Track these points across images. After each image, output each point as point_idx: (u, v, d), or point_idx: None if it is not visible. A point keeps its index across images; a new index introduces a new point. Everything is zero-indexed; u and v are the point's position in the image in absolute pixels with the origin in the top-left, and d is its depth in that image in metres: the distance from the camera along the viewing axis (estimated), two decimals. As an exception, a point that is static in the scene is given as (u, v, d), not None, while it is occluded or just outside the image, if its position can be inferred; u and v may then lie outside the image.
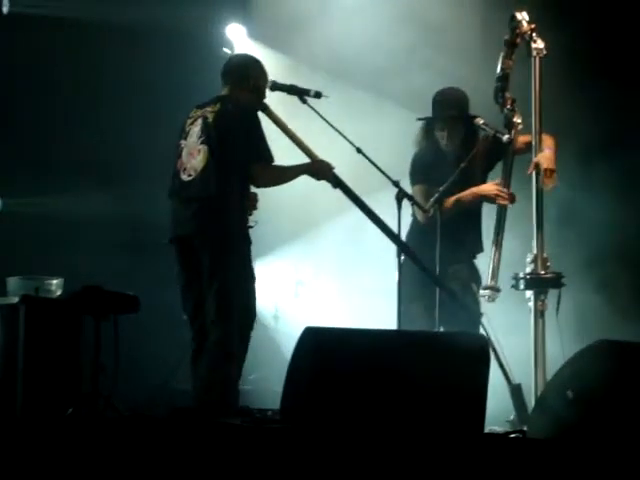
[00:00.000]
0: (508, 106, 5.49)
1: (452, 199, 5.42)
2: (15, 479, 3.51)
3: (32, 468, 3.54)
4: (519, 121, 5.49)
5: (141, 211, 7.23)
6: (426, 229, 5.38)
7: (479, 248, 5.66)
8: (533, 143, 5.46)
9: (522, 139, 5.55)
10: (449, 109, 5.57)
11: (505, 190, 5.47)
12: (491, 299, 5.39)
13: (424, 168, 5.58)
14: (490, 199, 5.53)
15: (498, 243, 5.45)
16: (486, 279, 5.44)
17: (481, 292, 5.42)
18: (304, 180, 7.80)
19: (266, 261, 8.29)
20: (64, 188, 7.27)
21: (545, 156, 5.41)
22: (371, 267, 7.29)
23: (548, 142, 5.48)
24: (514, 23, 5.48)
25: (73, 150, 7.32)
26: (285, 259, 8.22)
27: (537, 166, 5.40)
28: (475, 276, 5.61)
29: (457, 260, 5.47)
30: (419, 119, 5.66)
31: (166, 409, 4.81)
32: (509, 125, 5.48)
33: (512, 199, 5.49)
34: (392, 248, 5.12)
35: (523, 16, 5.47)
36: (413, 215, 5.59)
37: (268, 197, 5.62)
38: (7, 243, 6.83)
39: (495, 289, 5.39)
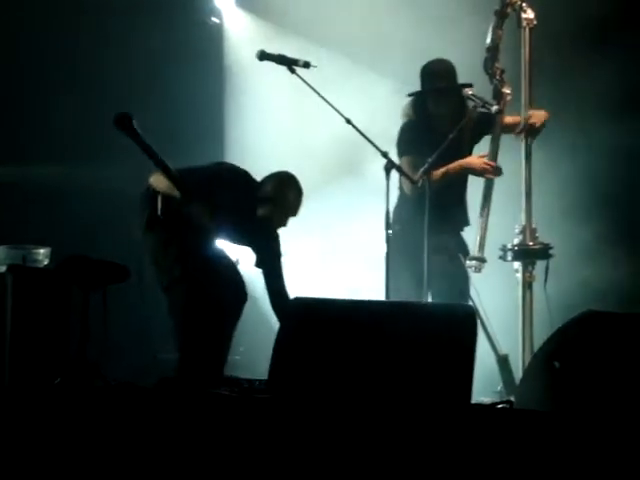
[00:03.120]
0: (497, 77, 5.48)
1: (439, 171, 5.40)
2: (3, 448, 3.52)
3: (20, 437, 3.54)
4: (508, 91, 5.49)
5: (130, 182, 7.20)
6: (414, 201, 5.37)
7: (465, 221, 5.66)
8: (522, 102, 5.44)
9: (511, 119, 5.55)
10: (439, 80, 5.55)
11: (491, 163, 5.47)
12: (477, 270, 5.40)
13: (412, 139, 5.56)
14: (477, 172, 5.52)
15: (485, 214, 5.45)
16: (473, 250, 5.45)
17: (467, 263, 5.43)
18: (294, 153, 7.83)
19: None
20: (51, 157, 7.24)
21: (538, 114, 5.48)
22: (360, 238, 7.29)
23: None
24: (504, -8, 5.47)
25: (57, 119, 7.27)
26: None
27: (528, 118, 5.41)
28: (462, 247, 5.61)
29: (444, 231, 5.47)
30: (409, 94, 5.63)
31: (155, 379, 4.81)
32: (498, 96, 5.47)
33: (498, 172, 5.48)
34: (381, 220, 5.10)
35: (513, -14, 5.46)
36: (400, 187, 5.58)
37: (256, 167, 5.61)
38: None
39: (481, 260, 5.40)
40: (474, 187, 5.67)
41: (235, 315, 5.40)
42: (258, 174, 5.66)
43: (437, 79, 5.55)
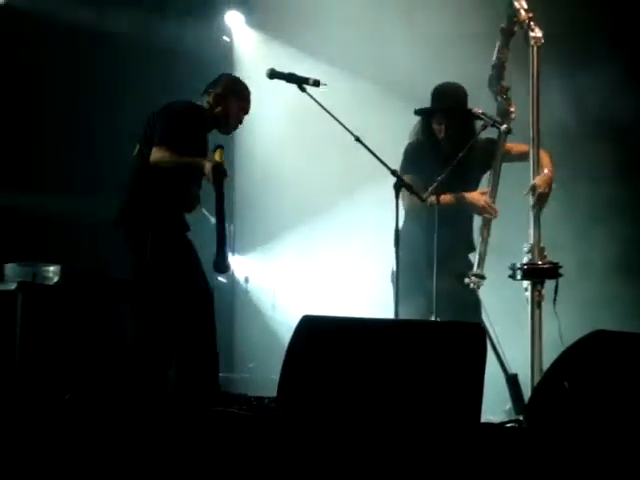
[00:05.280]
0: (503, 95, 5.51)
1: (442, 197, 5.36)
2: (12, 464, 3.52)
3: (29, 453, 3.55)
4: (512, 109, 5.51)
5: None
6: (422, 221, 5.37)
7: (471, 246, 5.66)
8: (530, 121, 5.43)
9: (518, 148, 5.56)
10: (447, 102, 5.56)
11: (491, 204, 5.48)
12: (476, 286, 5.40)
13: (417, 159, 5.57)
14: (476, 210, 5.54)
15: (486, 232, 5.49)
16: (473, 266, 5.46)
17: (466, 280, 5.42)
18: (302, 169, 7.85)
19: (263, 251, 8.31)
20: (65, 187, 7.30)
21: (543, 179, 5.43)
22: (370, 256, 7.30)
23: (545, 160, 5.49)
24: (511, 11, 5.48)
25: (73, 145, 7.33)
26: (283, 248, 8.24)
27: (534, 188, 5.41)
28: (470, 266, 5.61)
29: (452, 252, 5.46)
30: (417, 111, 5.64)
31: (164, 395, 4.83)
32: (504, 114, 5.49)
33: (495, 214, 5.51)
34: (390, 237, 5.09)
35: (521, 4, 5.46)
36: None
37: (264, 186, 5.65)
38: (5, 230, 6.86)
39: (480, 276, 5.42)
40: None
41: (208, 312, 5.33)
42: (266, 193, 5.70)
43: (445, 100, 5.56)
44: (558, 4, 6.64)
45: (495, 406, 5.17)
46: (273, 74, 5.28)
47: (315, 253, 8.06)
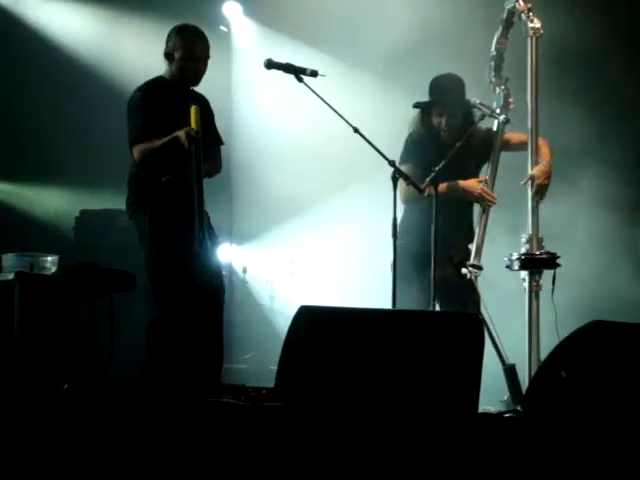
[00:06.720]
0: (502, 86, 5.51)
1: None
2: (9, 455, 3.53)
3: (26, 443, 3.55)
4: (511, 100, 5.51)
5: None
6: (421, 211, 5.37)
7: (471, 236, 5.65)
8: (529, 111, 5.42)
9: (517, 137, 5.56)
10: (447, 95, 5.56)
11: (489, 192, 5.48)
12: (473, 276, 5.40)
13: (415, 150, 5.57)
14: (474, 197, 5.53)
15: (482, 224, 5.49)
16: (470, 257, 5.46)
17: (463, 270, 5.42)
18: (300, 159, 7.84)
19: (261, 241, 8.31)
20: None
21: (542, 170, 5.43)
22: (368, 246, 7.30)
23: (544, 150, 5.49)
24: (510, 2, 5.47)
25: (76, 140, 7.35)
26: (280, 239, 8.24)
27: (532, 178, 5.41)
28: (469, 256, 5.61)
29: (451, 242, 5.46)
30: (416, 104, 5.63)
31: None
32: (502, 105, 5.50)
33: (493, 202, 5.51)
34: (388, 227, 5.10)
35: (520, -5, 5.46)
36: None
37: (262, 177, 5.64)
38: (3, 220, 6.87)
39: (477, 267, 5.42)
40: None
41: (216, 305, 5.35)
42: (261, 183, 5.68)
43: (445, 93, 5.55)
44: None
45: (493, 396, 5.17)
46: (270, 64, 5.26)
47: (312, 243, 8.06)
